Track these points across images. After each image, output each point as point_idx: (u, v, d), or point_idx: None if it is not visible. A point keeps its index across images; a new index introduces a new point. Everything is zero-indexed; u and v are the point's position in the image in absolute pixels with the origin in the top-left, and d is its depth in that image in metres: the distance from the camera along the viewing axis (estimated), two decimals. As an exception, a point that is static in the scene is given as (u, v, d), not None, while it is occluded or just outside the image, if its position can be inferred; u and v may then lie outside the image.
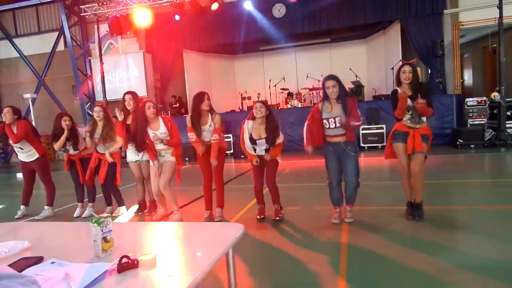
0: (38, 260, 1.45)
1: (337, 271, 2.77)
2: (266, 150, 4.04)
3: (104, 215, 1.54)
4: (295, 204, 4.64)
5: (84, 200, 5.02)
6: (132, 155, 4.66)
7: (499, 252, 2.92)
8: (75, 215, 4.89)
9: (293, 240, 3.57)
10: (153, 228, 1.76)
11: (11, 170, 11.72)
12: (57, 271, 1.32)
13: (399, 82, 3.64)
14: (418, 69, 3.71)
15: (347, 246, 3.25)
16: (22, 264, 1.40)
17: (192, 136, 4.11)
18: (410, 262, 2.85)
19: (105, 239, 1.49)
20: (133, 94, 4.58)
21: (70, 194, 5.32)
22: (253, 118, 4.01)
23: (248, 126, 4.03)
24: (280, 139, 4.03)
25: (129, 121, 4.53)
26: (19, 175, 9.89)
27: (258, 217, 4.18)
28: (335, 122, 3.65)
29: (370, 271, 2.76)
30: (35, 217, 4.90)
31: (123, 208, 4.92)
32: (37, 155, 4.86)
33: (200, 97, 4.09)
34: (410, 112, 3.57)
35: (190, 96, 12.46)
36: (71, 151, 4.87)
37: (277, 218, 4.07)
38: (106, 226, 1.50)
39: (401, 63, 3.78)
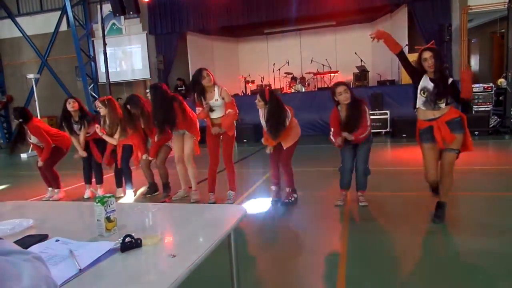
0: (43, 238, 1.47)
1: (337, 255, 2.80)
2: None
3: (108, 194, 1.54)
4: (298, 189, 4.65)
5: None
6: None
7: (501, 238, 2.94)
8: (85, 196, 4.94)
9: (296, 223, 3.60)
10: (156, 209, 1.78)
11: (16, 150, 11.77)
12: (62, 249, 1.34)
13: (424, 71, 3.18)
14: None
15: (348, 230, 3.28)
16: (27, 241, 1.42)
17: (199, 110, 4.13)
18: (410, 245, 2.88)
19: (108, 219, 1.50)
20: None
21: (76, 174, 5.37)
22: None
23: (261, 110, 4.08)
24: (284, 126, 3.97)
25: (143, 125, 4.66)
26: (23, 155, 9.97)
27: (272, 198, 4.22)
28: None
29: (370, 254, 2.79)
30: (50, 199, 4.93)
31: (128, 191, 4.91)
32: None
33: (199, 73, 4.03)
34: (425, 94, 3.18)
35: (193, 78, 12.38)
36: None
37: (287, 201, 4.10)
38: (109, 206, 1.51)
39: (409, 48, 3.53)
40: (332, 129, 3.81)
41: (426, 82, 3.16)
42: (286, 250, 2.99)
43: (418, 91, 3.21)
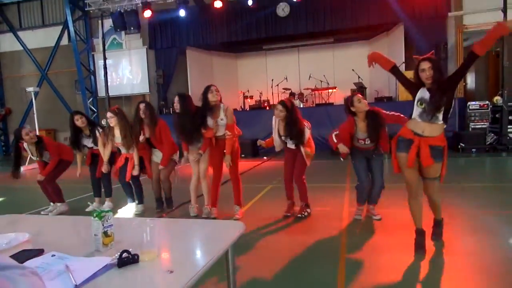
0: (39, 252, 1.46)
1: (336, 274, 2.77)
2: (297, 145, 4.06)
3: (106, 209, 1.54)
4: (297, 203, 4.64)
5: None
6: (157, 156, 4.67)
7: (499, 255, 2.92)
8: (87, 209, 4.89)
9: (296, 237, 3.57)
10: (153, 224, 1.76)
11: (12, 163, 11.71)
12: (58, 264, 1.33)
13: (421, 83, 2.97)
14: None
15: (347, 246, 3.26)
16: (22, 256, 1.40)
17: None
18: (410, 264, 2.86)
19: (105, 234, 1.49)
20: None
21: (81, 188, 5.34)
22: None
23: (276, 122, 4.11)
24: (305, 137, 3.99)
25: (146, 134, 4.56)
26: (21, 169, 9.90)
27: (284, 214, 4.20)
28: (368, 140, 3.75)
29: (368, 272, 2.77)
30: (49, 212, 4.89)
31: (139, 206, 4.83)
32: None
33: (207, 88, 4.11)
34: (422, 105, 2.93)
35: (192, 94, 12.45)
36: (95, 147, 4.87)
37: (300, 216, 4.10)
38: (107, 221, 1.50)
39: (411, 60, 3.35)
40: (337, 132, 3.82)
41: (423, 93, 2.95)
42: (286, 268, 2.96)
43: (415, 102, 3.01)
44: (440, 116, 2.93)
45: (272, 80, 12.34)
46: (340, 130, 3.83)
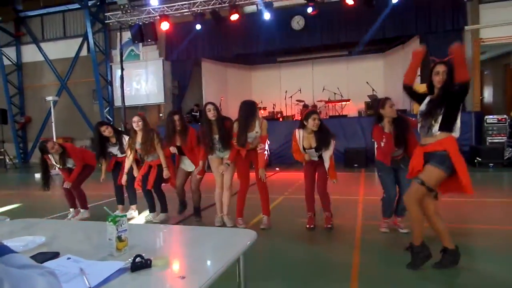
0: (55, 255, 1.49)
1: (349, 283, 2.73)
2: (319, 157, 4.04)
3: (120, 214, 1.56)
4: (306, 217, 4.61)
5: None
6: (189, 165, 4.66)
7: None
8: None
9: (309, 249, 3.54)
10: (167, 231, 1.79)
11: (30, 170, 12.00)
12: (73, 267, 1.36)
13: (432, 87, 2.92)
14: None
15: (360, 260, 3.22)
16: (39, 258, 1.43)
17: (235, 140, 4.14)
18: (423, 281, 2.80)
19: (119, 238, 1.51)
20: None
21: (99, 195, 5.43)
22: (303, 127, 4.02)
23: (299, 135, 4.05)
24: (330, 150, 3.98)
25: (178, 142, 4.54)
26: (37, 175, 10.12)
27: (307, 226, 4.15)
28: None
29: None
30: (73, 219, 4.95)
31: (162, 215, 4.78)
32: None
33: (254, 108, 4.12)
34: (420, 120, 2.96)
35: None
36: (119, 155, 4.95)
37: (328, 226, 4.07)
38: (121, 226, 1.52)
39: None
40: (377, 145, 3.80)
41: (423, 106, 2.96)
42: (298, 280, 2.93)
43: (418, 116, 3.02)
44: (436, 127, 2.82)
45: (286, 92, 12.39)
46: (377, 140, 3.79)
